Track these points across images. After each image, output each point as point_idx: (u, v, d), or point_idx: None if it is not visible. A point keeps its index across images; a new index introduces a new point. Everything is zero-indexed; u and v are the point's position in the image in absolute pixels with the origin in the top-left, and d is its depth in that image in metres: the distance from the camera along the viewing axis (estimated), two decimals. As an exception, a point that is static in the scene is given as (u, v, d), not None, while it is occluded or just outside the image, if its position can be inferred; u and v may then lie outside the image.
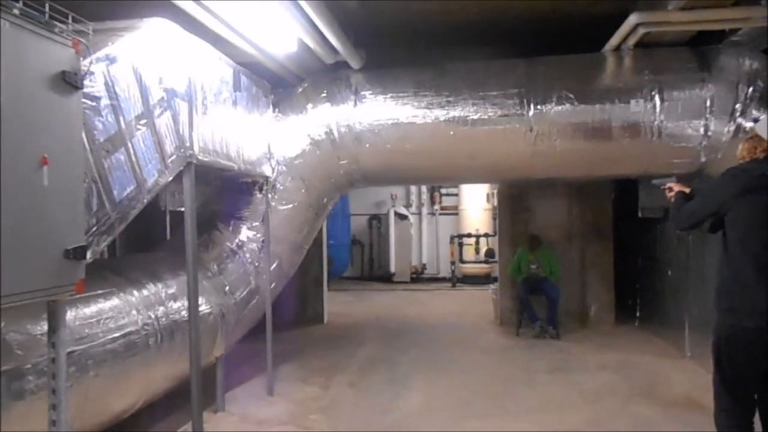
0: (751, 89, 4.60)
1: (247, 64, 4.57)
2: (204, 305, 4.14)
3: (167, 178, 3.23)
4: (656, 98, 4.83)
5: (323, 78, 5.38)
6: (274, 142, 5.12)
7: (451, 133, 5.15)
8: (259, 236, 4.92)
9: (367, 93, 5.26)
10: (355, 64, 5.20)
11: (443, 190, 13.04)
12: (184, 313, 3.73)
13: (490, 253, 11.18)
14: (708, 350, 3.01)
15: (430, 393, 4.92)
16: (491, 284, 9.04)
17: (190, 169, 3.45)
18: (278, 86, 5.31)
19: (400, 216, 12.45)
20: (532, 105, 5.01)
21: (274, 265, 5.06)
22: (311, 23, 4.13)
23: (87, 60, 2.46)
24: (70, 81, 2.18)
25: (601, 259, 7.50)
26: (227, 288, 4.61)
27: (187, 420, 3.67)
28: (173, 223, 6.16)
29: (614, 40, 4.82)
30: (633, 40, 4.71)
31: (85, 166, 2.48)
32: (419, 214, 13.14)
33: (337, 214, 10.84)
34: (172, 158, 3.27)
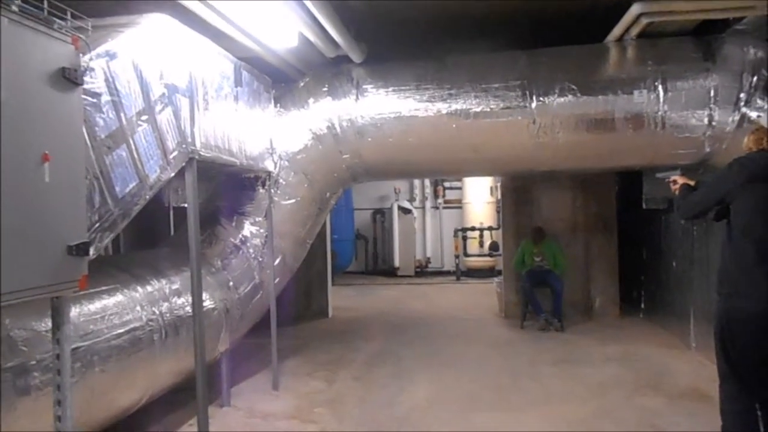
0: (755, 78, 4.56)
1: (247, 59, 4.56)
2: (208, 301, 4.15)
3: (169, 174, 3.23)
4: (660, 89, 4.80)
5: (325, 72, 5.37)
6: (276, 137, 5.11)
7: (453, 126, 5.14)
8: (263, 231, 4.93)
9: (368, 87, 5.25)
10: (356, 58, 5.18)
11: (446, 184, 13.03)
12: (188, 309, 3.74)
13: (494, 246, 11.18)
14: (713, 341, 3.01)
15: (435, 386, 4.92)
16: (495, 277, 9.03)
17: (192, 165, 3.45)
18: (279, 81, 5.30)
19: (404, 210, 12.44)
20: (534, 97, 4.98)
21: (277, 260, 5.07)
22: (312, 17, 4.11)
23: (87, 56, 2.46)
24: (70, 77, 2.18)
25: (606, 251, 7.48)
26: (231, 283, 4.62)
27: (194, 415, 3.69)
28: (177, 220, 6.17)
29: (617, 31, 4.78)
30: (636, 30, 4.67)
31: (87, 162, 2.48)
32: (423, 207, 13.13)
33: (341, 208, 10.85)
34: (173, 154, 3.27)
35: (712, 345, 3.06)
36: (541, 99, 4.97)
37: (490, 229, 11.67)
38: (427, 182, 13.07)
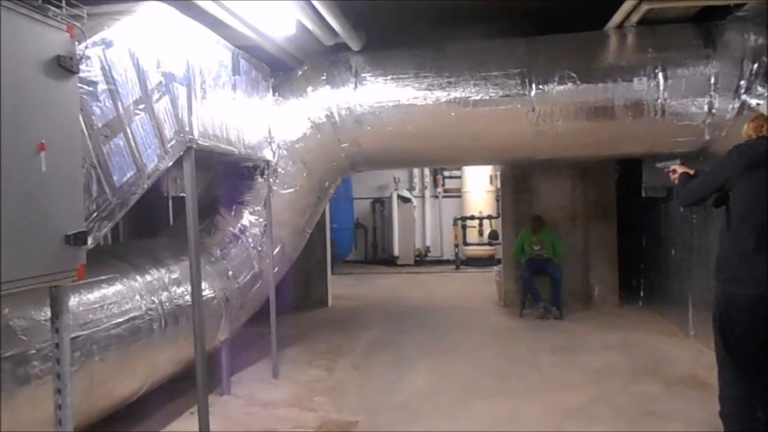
0: (756, 65, 4.54)
1: (245, 47, 4.53)
2: (207, 290, 4.15)
3: (167, 164, 3.22)
4: (660, 76, 4.77)
5: (323, 60, 5.34)
6: (275, 125, 5.09)
7: (452, 114, 5.12)
8: (262, 221, 4.93)
9: (367, 75, 5.22)
10: (354, 46, 5.15)
11: (446, 173, 13.01)
12: (187, 298, 3.75)
13: (494, 234, 11.19)
14: (711, 328, 3.02)
15: (434, 374, 4.94)
16: (495, 266, 9.05)
17: (190, 154, 3.44)
18: (278, 69, 5.27)
19: (403, 199, 12.44)
20: (533, 85, 4.96)
21: (277, 249, 5.07)
22: (310, 5, 4.08)
23: (82, 44, 2.44)
24: (66, 65, 2.16)
25: (605, 240, 7.48)
26: (230, 272, 4.63)
27: (194, 403, 3.70)
28: (176, 209, 6.17)
29: (617, 18, 4.75)
30: (636, 17, 4.64)
31: (84, 151, 2.47)
32: (422, 197, 13.12)
33: (340, 197, 10.84)
34: (171, 143, 3.26)
35: (710, 332, 3.07)
36: (541, 87, 4.95)
37: (489, 217, 11.68)
38: (426, 171, 13.05)
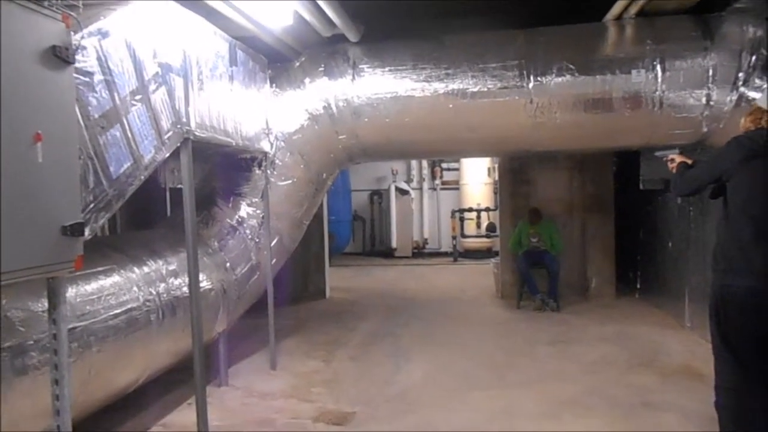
0: (754, 57, 4.52)
1: (243, 38, 4.51)
2: (205, 281, 4.16)
3: (164, 155, 3.22)
4: (658, 68, 4.76)
5: (321, 52, 5.32)
6: (272, 117, 5.08)
7: (450, 106, 5.11)
8: (259, 212, 4.92)
9: (365, 66, 5.20)
10: (352, 37, 5.13)
11: (444, 165, 13.01)
12: (185, 290, 3.75)
13: (492, 227, 11.21)
14: (707, 320, 3.02)
15: (431, 365, 4.96)
16: (492, 258, 9.06)
17: (187, 146, 3.43)
18: (275, 61, 5.25)
19: (401, 191, 12.43)
20: (532, 77, 4.95)
21: (274, 241, 5.07)
22: (307, -5, 4.06)
23: (78, 35, 2.42)
24: (61, 56, 2.15)
25: (602, 232, 7.50)
26: (228, 264, 4.63)
27: (192, 394, 3.71)
28: (173, 200, 6.15)
29: (615, 9, 4.74)
30: (635, 8, 4.63)
31: (81, 142, 2.46)
32: (420, 189, 13.13)
33: (338, 189, 10.84)
34: (168, 134, 3.25)
35: (706, 324, 3.07)
36: (539, 79, 4.94)
37: (487, 210, 11.69)
38: (424, 163, 13.05)
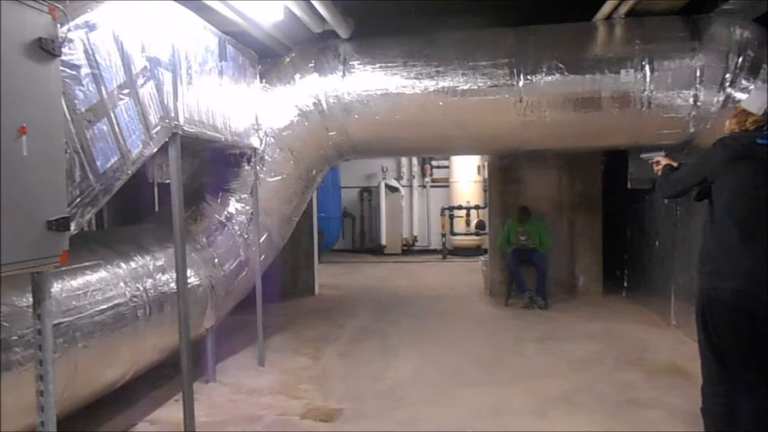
0: (741, 59, 4.57)
1: (233, 33, 4.48)
2: (193, 277, 4.14)
3: (152, 150, 3.19)
4: (646, 68, 4.80)
5: (311, 48, 5.30)
6: (262, 113, 5.06)
7: (440, 103, 5.11)
8: (248, 208, 4.90)
9: (355, 63, 5.19)
10: (343, 33, 5.11)
11: (434, 163, 13.03)
12: (172, 285, 3.73)
13: (481, 225, 11.24)
14: (692, 318, 3.05)
15: (420, 362, 4.98)
16: (481, 256, 9.09)
17: (175, 140, 3.40)
18: (265, 56, 5.22)
19: (391, 188, 12.44)
20: (521, 75, 4.96)
21: (263, 237, 5.05)
22: (298, -10, 4.04)
23: (65, 27, 2.40)
24: (47, 48, 2.12)
25: (590, 230, 7.55)
26: (216, 260, 4.61)
27: (179, 390, 3.69)
28: (161, 196, 6.12)
29: (605, 9, 4.76)
30: (625, 8, 4.66)
31: (67, 136, 2.43)
32: (410, 186, 13.14)
33: (328, 186, 10.83)
34: (156, 129, 3.22)
35: (691, 322, 3.09)
36: (529, 77, 4.96)
37: (476, 208, 11.72)
38: (414, 161, 13.06)
